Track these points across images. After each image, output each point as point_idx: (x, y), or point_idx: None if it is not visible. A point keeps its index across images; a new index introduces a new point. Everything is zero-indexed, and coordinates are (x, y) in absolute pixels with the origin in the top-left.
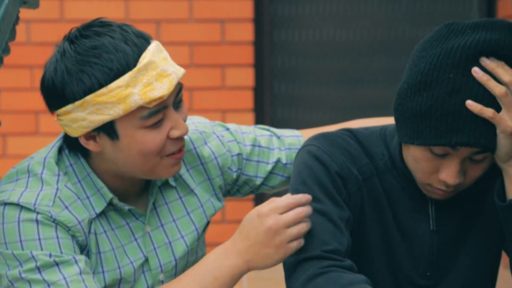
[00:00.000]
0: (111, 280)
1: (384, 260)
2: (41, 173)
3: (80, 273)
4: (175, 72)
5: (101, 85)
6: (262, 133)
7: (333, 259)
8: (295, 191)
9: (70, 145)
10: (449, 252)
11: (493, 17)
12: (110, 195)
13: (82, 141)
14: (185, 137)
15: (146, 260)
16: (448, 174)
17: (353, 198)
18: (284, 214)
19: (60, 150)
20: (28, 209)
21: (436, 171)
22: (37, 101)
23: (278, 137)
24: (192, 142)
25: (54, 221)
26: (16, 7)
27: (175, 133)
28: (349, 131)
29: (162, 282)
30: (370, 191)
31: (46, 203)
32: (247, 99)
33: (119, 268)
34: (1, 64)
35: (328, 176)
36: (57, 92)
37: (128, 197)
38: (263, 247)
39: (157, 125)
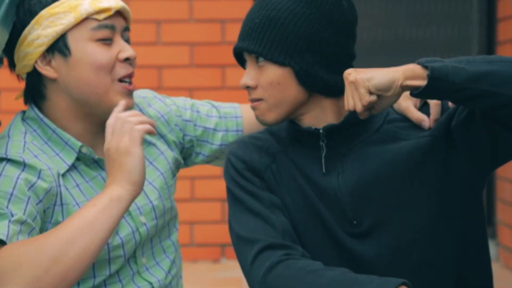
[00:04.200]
0: None
1: (315, 227)
2: (8, 132)
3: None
4: None
5: (54, 0)
6: (202, 103)
7: (283, 247)
8: (228, 206)
9: (28, 93)
10: (366, 196)
11: (493, 17)
12: (78, 144)
13: (39, 67)
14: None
15: None
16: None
17: (267, 179)
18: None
19: (22, 121)
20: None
21: None
22: None
23: (216, 107)
24: (138, 105)
25: (24, 166)
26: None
27: (124, 54)
28: None
29: (145, 224)
30: (280, 166)
31: (16, 151)
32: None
33: None
34: (1, 64)
35: (240, 175)
36: (15, 26)
37: (95, 149)
38: (119, 142)
39: (106, 42)
